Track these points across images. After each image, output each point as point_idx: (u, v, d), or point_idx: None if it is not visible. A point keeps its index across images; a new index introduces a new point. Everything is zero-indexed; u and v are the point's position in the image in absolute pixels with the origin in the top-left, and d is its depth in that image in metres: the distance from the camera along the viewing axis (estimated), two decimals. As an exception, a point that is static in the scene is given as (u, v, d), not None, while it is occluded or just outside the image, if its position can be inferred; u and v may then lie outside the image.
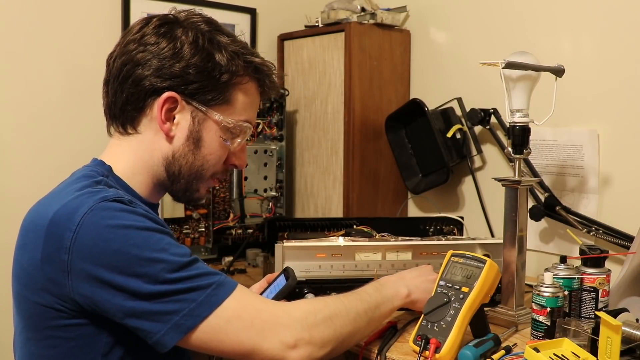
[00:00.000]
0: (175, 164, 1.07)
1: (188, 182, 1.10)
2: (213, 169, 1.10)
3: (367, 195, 2.02)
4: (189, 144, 1.06)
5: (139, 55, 1.02)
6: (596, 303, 1.27)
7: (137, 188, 1.08)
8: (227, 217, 1.92)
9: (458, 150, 1.89)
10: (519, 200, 1.33)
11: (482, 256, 1.16)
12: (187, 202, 1.17)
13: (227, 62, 1.04)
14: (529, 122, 1.34)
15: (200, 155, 1.07)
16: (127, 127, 1.06)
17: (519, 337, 1.25)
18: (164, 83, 1.02)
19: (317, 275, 1.38)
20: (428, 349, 1.08)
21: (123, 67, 1.03)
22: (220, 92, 1.05)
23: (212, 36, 1.05)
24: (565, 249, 1.67)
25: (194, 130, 1.05)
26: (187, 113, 1.04)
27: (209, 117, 1.05)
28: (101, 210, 0.91)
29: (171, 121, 1.04)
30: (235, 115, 1.08)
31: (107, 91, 1.07)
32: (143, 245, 0.91)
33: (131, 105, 1.04)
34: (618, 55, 1.59)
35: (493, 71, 1.34)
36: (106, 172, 1.05)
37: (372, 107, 2.02)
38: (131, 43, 1.04)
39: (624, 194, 1.59)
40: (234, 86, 1.06)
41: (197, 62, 1.02)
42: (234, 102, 1.07)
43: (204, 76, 1.03)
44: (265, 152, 1.98)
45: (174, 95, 1.02)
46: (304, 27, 2.11)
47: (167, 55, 1.02)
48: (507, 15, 1.83)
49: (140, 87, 1.03)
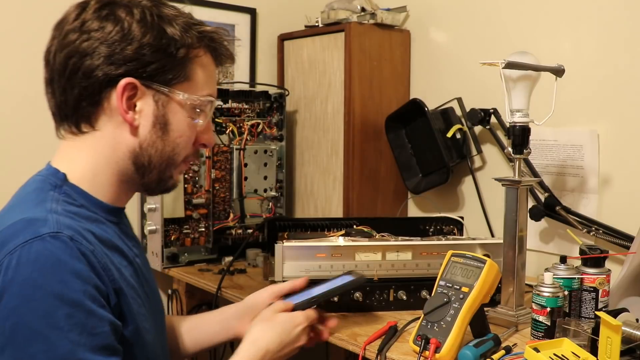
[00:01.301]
0: (144, 154, 0.98)
1: (160, 171, 1.01)
2: (185, 152, 1.02)
3: (367, 195, 2.02)
4: (156, 131, 0.97)
5: (84, 45, 0.92)
6: (596, 303, 1.27)
7: (100, 192, 0.98)
8: (227, 217, 1.92)
9: (458, 150, 1.89)
10: (519, 200, 1.33)
11: (482, 256, 1.16)
12: (161, 192, 1.07)
13: (181, 35, 0.96)
14: (529, 122, 1.34)
15: (169, 140, 0.99)
16: (81, 126, 0.96)
17: (519, 337, 1.25)
18: (119, 70, 0.92)
19: (317, 275, 1.38)
20: (428, 349, 1.08)
21: (68, 61, 0.93)
22: (180, 69, 0.97)
23: (159, 10, 0.96)
24: (565, 249, 1.67)
25: (159, 114, 0.97)
26: (148, 98, 0.96)
27: (172, 98, 0.97)
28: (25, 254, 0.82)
29: (133, 110, 0.95)
30: (198, 91, 1.00)
31: (52, 91, 0.97)
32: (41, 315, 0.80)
33: (86, 101, 0.94)
34: (618, 56, 1.59)
35: (493, 71, 1.34)
36: (60, 181, 0.95)
37: (372, 107, 2.02)
38: (71, 33, 0.93)
39: (624, 194, 1.59)
40: (192, 60, 0.98)
41: (150, 40, 0.93)
42: (194, 78, 0.99)
43: (161, 54, 0.94)
44: (265, 152, 1.98)
45: (132, 81, 0.93)
46: (304, 27, 2.11)
47: (115, 39, 0.92)
48: (507, 15, 1.83)
49: (93, 79, 0.93)
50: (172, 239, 1.81)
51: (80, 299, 0.83)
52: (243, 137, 1.94)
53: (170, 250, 1.81)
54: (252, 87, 2.14)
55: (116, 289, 0.90)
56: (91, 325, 0.84)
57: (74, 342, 0.81)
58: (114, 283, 0.90)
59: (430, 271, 1.41)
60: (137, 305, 0.96)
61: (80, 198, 0.95)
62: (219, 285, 1.59)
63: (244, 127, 1.95)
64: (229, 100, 1.93)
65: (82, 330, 0.83)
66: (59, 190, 0.94)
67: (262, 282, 1.63)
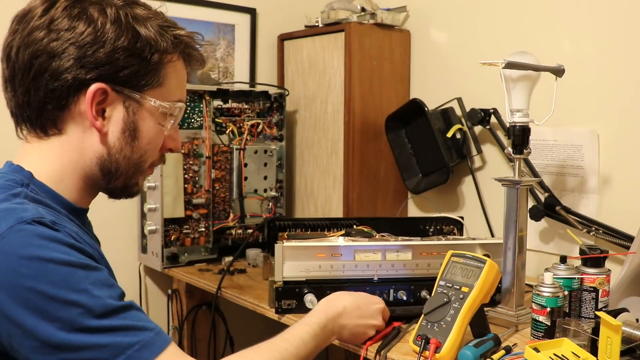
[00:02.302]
0: (112, 161, 0.95)
1: (127, 177, 0.98)
2: (152, 159, 1.00)
3: (367, 195, 2.02)
4: (125, 138, 0.94)
5: (52, 45, 0.87)
6: (596, 303, 1.27)
7: (66, 193, 0.95)
8: (227, 217, 1.92)
9: (458, 150, 1.89)
10: (519, 200, 1.33)
11: (482, 256, 1.16)
12: (125, 197, 1.03)
13: (156, 39, 0.92)
14: (529, 122, 1.34)
15: (138, 147, 0.96)
16: (47, 129, 0.92)
17: (519, 337, 1.25)
18: (90, 74, 0.88)
19: (317, 275, 1.38)
20: (428, 349, 1.08)
21: (33, 60, 0.88)
22: (153, 74, 0.93)
23: (132, 11, 0.91)
24: (565, 249, 1.67)
25: (129, 121, 0.93)
26: (118, 104, 0.92)
27: (143, 105, 0.94)
28: (17, 236, 0.80)
29: (102, 116, 0.92)
30: (169, 97, 0.97)
31: (13, 90, 0.92)
32: (61, 284, 0.79)
33: (52, 104, 0.90)
34: (618, 55, 1.59)
35: (493, 71, 1.34)
36: (26, 179, 0.91)
37: (372, 107, 2.02)
38: (37, 30, 0.88)
39: (624, 194, 1.59)
40: (165, 65, 0.94)
41: (124, 44, 0.89)
42: (167, 83, 0.95)
43: (135, 59, 0.90)
44: (265, 152, 1.98)
45: (103, 87, 0.89)
46: (304, 27, 2.11)
47: (87, 40, 0.87)
48: (507, 15, 1.83)
49: (62, 82, 0.88)
50: (172, 239, 1.81)
51: (86, 262, 0.84)
52: (243, 137, 1.94)
53: (170, 250, 1.81)
54: (252, 87, 2.14)
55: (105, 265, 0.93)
56: (105, 279, 0.86)
57: (101, 297, 0.82)
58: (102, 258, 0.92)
59: (430, 271, 1.41)
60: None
61: (46, 196, 0.92)
62: (219, 285, 1.59)
63: (244, 127, 1.95)
64: (229, 100, 1.93)
65: (102, 284, 0.84)
66: (26, 187, 0.91)
67: (262, 282, 1.63)
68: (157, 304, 2.06)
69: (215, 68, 2.13)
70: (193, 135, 1.85)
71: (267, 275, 1.63)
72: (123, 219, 1.95)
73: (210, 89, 1.89)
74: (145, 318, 0.86)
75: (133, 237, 1.96)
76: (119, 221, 1.94)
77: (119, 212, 1.92)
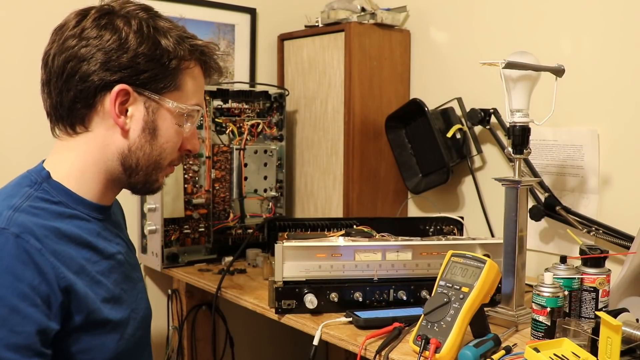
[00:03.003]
0: (132, 157, 1.04)
1: (147, 173, 1.07)
2: (170, 157, 1.08)
3: (367, 195, 2.02)
4: (145, 135, 1.03)
5: (82, 51, 0.98)
6: (596, 303, 1.27)
7: (84, 189, 1.03)
8: (227, 217, 1.92)
9: (458, 150, 1.89)
10: (519, 200, 1.33)
11: (482, 256, 1.16)
12: (146, 193, 1.13)
13: (174, 47, 1.02)
14: (529, 122, 1.34)
15: (157, 145, 1.05)
16: (76, 127, 1.02)
17: (519, 337, 1.25)
18: (114, 76, 0.99)
19: (317, 275, 1.38)
20: (428, 349, 1.08)
21: (66, 65, 0.99)
22: (171, 78, 1.03)
23: (155, 23, 1.02)
24: (565, 249, 1.67)
25: (149, 120, 1.03)
26: (140, 104, 1.02)
27: (162, 106, 1.03)
28: None
29: (124, 114, 1.01)
30: (186, 100, 1.06)
31: (49, 92, 1.03)
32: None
33: (81, 103, 1.00)
34: (618, 55, 1.59)
35: (493, 71, 1.34)
36: (41, 178, 1.01)
37: (372, 107, 2.02)
38: (70, 39, 0.99)
39: (624, 194, 1.59)
40: (183, 71, 1.04)
41: (144, 50, 0.99)
42: (184, 88, 1.05)
43: (154, 64, 1.00)
44: (265, 152, 1.98)
45: (126, 88, 0.99)
46: (304, 27, 2.11)
47: (112, 47, 0.98)
48: (507, 15, 1.83)
49: (89, 83, 0.99)
50: (172, 239, 1.81)
51: (6, 295, 0.85)
52: (243, 137, 1.94)
53: (170, 250, 1.81)
54: (252, 87, 2.14)
55: (64, 287, 0.92)
56: (13, 322, 0.86)
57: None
58: (60, 281, 0.92)
59: (430, 271, 1.41)
60: (100, 299, 0.99)
61: (59, 195, 1.00)
62: (219, 285, 1.59)
63: (244, 127, 1.95)
64: (229, 100, 1.93)
65: (2, 325, 0.85)
66: (37, 187, 0.99)
67: (262, 282, 1.63)
68: (157, 304, 2.06)
69: (215, 68, 2.13)
70: (193, 135, 1.85)
71: (267, 275, 1.63)
72: (123, 219, 1.95)
73: (210, 89, 1.89)
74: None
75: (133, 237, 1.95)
76: (119, 221, 1.93)
77: (119, 212, 1.91)
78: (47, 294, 0.90)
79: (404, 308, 1.35)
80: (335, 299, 1.37)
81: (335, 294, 1.37)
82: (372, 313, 1.31)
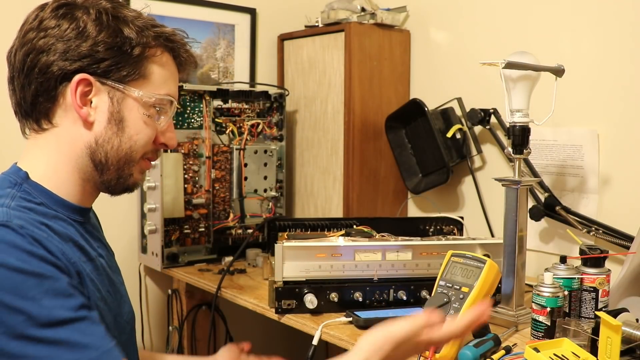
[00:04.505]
0: (100, 150, 0.99)
1: (118, 168, 1.01)
2: (142, 150, 1.03)
3: (367, 195, 2.02)
4: (111, 127, 0.99)
5: (40, 42, 0.95)
6: (596, 303, 1.27)
7: (62, 189, 1.00)
8: (227, 217, 1.92)
9: (458, 150, 1.89)
10: (519, 200, 1.33)
11: (482, 256, 1.17)
12: (124, 190, 1.06)
13: (137, 34, 0.98)
14: (529, 122, 1.34)
15: (125, 137, 1.00)
16: (41, 122, 0.99)
17: (519, 337, 1.25)
18: (74, 65, 0.95)
19: (317, 275, 1.38)
20: (428, 349, 1.08)
21: (26, 58, 0.96)
22: (135, 67, 0.98)
23: (116, 12, 0.98)
24: (565, 249, 1.67)
25: (114, 111, 0.98)
26: (103, 94, 0.98)
27: (127, 95, 0.99)
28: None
29: (89, 106, 0.97)
30: (154, 90, 1.01)
31: (13, 89, 1.00)
32: (8, 290, 0.80)
33: (42, 97, 0.97)
34: (618, 55, 1.59)
35: (493, 71, 1.34)
36: (20, 180, 0.97)
37: (372, 107, 2.02)
38: (30, 32, 0.97)
39: (624, 194, 1.59)
40: (148, 59, 1.00)
41: (104, 38, 0.96)
42: (150, 76, 1.00)
43: (115, 52, 0.96)
44: (265, 152, 1.98)
45: (87, 77, 0.96)
46: (304, 27, 2.11)
47: (71, 36, 0.95)
48: (507, 15, 1.83)
49: (49, 74, 0.95)
50: (172, 239, 1.81)
51: (42, 270, 0.84)
52: (243, 137, 1.94)
53: (170, 250, 1.81)
54: (252, 87, 2.14)
55: (77, 271, 0.91)
56: (62, 289, 0.85)
57: (49, 307, 0.82)
58: (73, 265, 0.91)
59: (430, 271, 1.41)
60: (94, 298, 0.97)
61: (40, 196, 0.97)
62: (219, 285, 1.59)
63: (244, 127, 1.95)
64: (229, 100, 1.93)
65: (55, 294, 0.84)
66: (18, 187, 0.96)
67: (262, 282, 1.63)
68: (157, 304, 2.06)
69: (215, 68, 2.13)
70: (193, 135, 1.85)
71: (267, 275, 1.63)
72: (123, 219, 1.95)
73: (210, 89, 1.89)
74: (98, 334, 0.86)
75: (133, 237, 1.96)
76: (118, 221, 1.93)
77: (119, 212, 1.92)
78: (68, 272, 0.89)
79: (404, 308, 1.35)
80: (335, 299, 1.37)
81: (335, 294, 1.37)
82: (372, 313, 1.31)
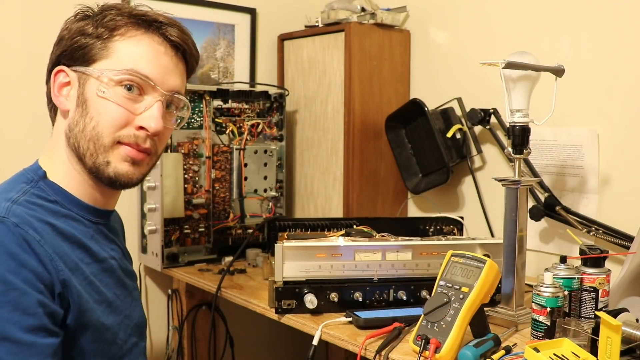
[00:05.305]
0: (72, 135, 1.00)
1: (92, 154, 0.99)
2: (110, 132, 0.98)
3: (367, 195, 2.02)
4: (79, 110, 1.00)
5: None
6: (596, 303, 1.27)
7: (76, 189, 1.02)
8: (227, 217, 1.92)
9: (458, 150, 1.89)
10: (519, 200, 1.33)
11: (482, 256, 1.16)
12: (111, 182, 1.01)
13: (100, 16, 1.01)
14: (529, 122, 1.34)
15: (89, 118, 0.98)
16: (51, 118, 1.09)
17: (519, 337, 1.25)
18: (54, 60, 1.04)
19: (317, 275, 1.38)
20: (428, 349, 1.08)
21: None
22: (100, 48, 0.99)
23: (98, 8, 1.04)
24: (565, 249, 1.67)
25: (80, 93, 1.00)
26: (75, 82, 1.01)
27: (89, 75, 0.99)
28: None
29: (64, 95, 1.02)
30: (117, 67, 0.99)
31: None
32: None
33: (47, 94, 1.07)
34: (618, 55, 1.59)
35: (493, 71, 1.34)
36: (37, 177, 1.00)
37: (372, 107, 2.02)
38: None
39: (624, 194, 1.59)
40: (115, 38, 1.00)
41: (68, 27, 1.03)
42: (115, 54, 0.99)
43: (80, 36, 1.00)
44: (265, 152, 1.98)
45: (61, 68, 1.02)
46: (304, 27, 2.11)
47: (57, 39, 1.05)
48: (507, 15, 1.83)
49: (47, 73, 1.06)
50: (172, 239, 1.81)
51: (13, 280, 0.84)
52: (243, 137, 1.94)
53: (170, 250, 1.81)
54: (252, 87, 2.14)
55: (62, 280, 0.91)
56: (25, 305, 0.85)
57: (3, 319, 0.82)
58: (59, 273, 0.91)
59: (430, 271, 1.41)
60: (92, 300, 0.98)
61: (55, 194, 1.00)
62: (219, 285, 1.59)
63: (244, 127, 1.95)
64: (229, 100, 1.93)
65: (14, 308, 0.84)
66: (34, 184, 0.99)
67: (262, 282, 1.63)
68: (157, 304, 2.06)
69: (215, 68, 2.13)
70: (193, 135, 1.85)
71: (267, 275, 1.63)
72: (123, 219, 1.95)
73: (210, 89, 1.89)
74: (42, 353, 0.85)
75: (133, 237, 1.96)
76: (119, 221, 1.93)
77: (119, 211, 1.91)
78: (49, 282, 0.89)
79: (404, 308, 1.35)
80: (335, 299, 1.37)
81: (335, 294, 1.37)
82: (372, 313, 1.31)
